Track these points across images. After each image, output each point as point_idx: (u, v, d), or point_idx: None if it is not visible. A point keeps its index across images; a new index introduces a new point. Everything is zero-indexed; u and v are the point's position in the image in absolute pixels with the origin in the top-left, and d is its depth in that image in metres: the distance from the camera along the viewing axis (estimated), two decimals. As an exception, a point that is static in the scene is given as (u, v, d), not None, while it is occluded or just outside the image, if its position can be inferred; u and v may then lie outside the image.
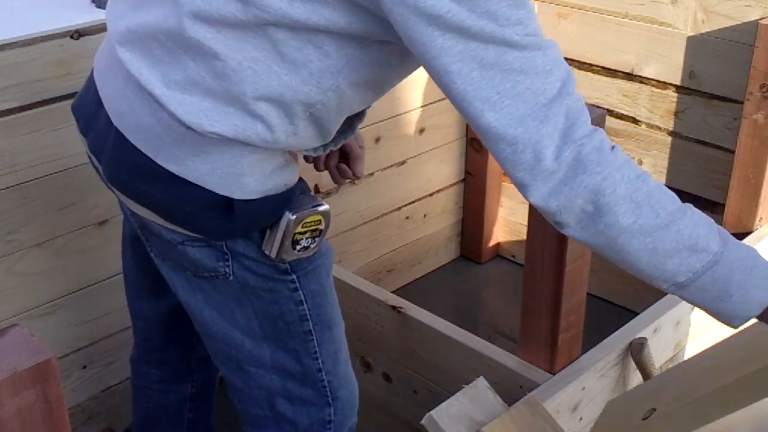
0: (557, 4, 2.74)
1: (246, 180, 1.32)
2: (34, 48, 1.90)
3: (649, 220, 1.18)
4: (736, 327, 1.26)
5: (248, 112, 1.25)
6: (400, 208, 2.89)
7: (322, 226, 1.40)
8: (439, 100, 2.88)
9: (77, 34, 1.95)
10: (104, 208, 2.10)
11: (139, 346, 1.81)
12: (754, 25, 2.28)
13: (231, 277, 1.43)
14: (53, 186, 2.00)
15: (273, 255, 1.38)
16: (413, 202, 2.94)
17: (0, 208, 1.93)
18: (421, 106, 2.83)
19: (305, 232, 1.38)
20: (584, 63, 2.74)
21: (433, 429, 1.59)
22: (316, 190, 2.59)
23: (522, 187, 1.18)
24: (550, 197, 1.17)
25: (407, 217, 2.92)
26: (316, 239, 1.40)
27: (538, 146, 1.14)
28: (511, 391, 1.77)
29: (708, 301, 1.23)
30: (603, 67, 2.70)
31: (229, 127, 1.25)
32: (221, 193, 1.32)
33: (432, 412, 1.59)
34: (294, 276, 1.44)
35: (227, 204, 1.33)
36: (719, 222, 2.49)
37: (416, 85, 2.78)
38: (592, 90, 2.74)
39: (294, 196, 1.39)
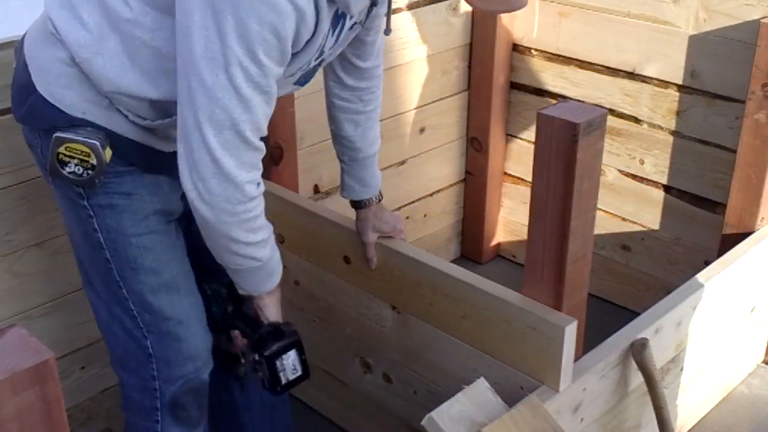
0: (558, 3, 2.73)
1: (49, 78, 1.54)
2: (32, 47, 1.89)
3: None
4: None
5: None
6: (400, 208, 2.88)
7: (92, 160, 1.52)
8: (439, 100, 2.87)
9: (76, 33, 1.94)
10: (103, 208, 2.09)
11: None
12: (756, 24, 2.27)
13: (52, 186, 1.63)
14: (52, 185, 1.99)
15: (47, 167, 1.55)
16: (413, 202, 2.93)
17: (-2, 208, 1.93)
18: (422, 106, 2.82)
19: (72, 157, 1.52)
20: (585, 62, 2.73)
21: (434, 430, 1.58)
22: (316, 189, 2.58)
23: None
24: None
25: (407, 217, 2.91)
26: (89, 171, 1.53)
27: None
28: (512, 391, 1.76)
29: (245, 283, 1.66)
30: (604, 66, 2.69)
31: (58, 16, 1.51)
32: (33, 80, 1.55)
33: (432, 413, 1.59)
34: (87, 203, 1.60)
35: (33, 92, 1.55)
36: (720, 222, 2.49)
37: (416, 84, 2.78)
38: (593, 89, 2.73)
39: (83, 126, 1.54)
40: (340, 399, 2.27)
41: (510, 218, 3.11)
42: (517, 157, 3.02)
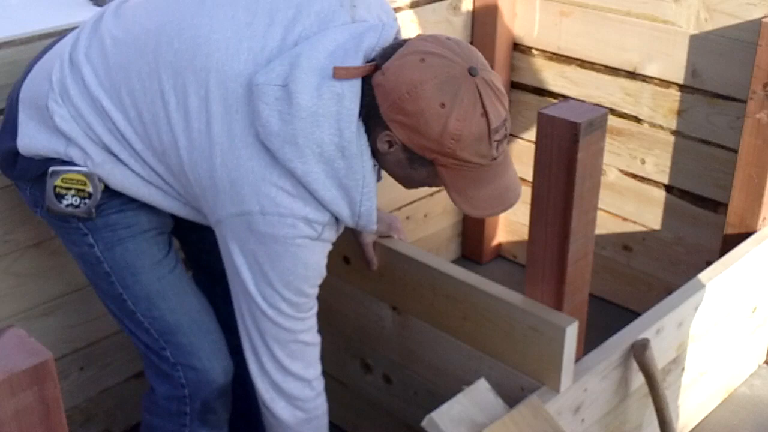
0: (559, 2, 2.73)
1: (39, 154, 1.58)
2: (31, 47, 1.88)
3: None
4: None
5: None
6: (400, 208, 2.87)
7: (89, 188, 1.56)
8: (439, 99, 2.86)
9: (75, 32, 1.94)
10: (102, 208, 2.08)
11: None
12: (758, 23, 2.27)
13: (42, 218, 1.67)
14: (50, 185, 1.99)
15: (45, 204, 1.58)
16: (414, 201, 2.92)
17: (-3, 208, 1.92)
18: (422, 105, 2.81)
19: (69, 189, 1.55)
20: (586, 61, 2.73)
21: (434, 431, 1.58)
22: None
23: None
24: None
25: (408, 217, 2.90)
26: (86, 201, 1.57)
27: None
28: (513, 392, 1.75)
29: None
30: (605, 66, 2.69)
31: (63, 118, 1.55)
32: (19, 149, 1.58)
33: (432, 414, 1.58)
34: (80, 224, 1.63)
35: (18, 154, 1.60)
36: (722, 222, 2.48)
37: (417, 84, 2.76)
38: (594, 89, 2.73)
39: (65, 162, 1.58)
40: (340, 399, 2.26)
41: (511, 218, 3.11)
42: (518, 156, 3.01)
